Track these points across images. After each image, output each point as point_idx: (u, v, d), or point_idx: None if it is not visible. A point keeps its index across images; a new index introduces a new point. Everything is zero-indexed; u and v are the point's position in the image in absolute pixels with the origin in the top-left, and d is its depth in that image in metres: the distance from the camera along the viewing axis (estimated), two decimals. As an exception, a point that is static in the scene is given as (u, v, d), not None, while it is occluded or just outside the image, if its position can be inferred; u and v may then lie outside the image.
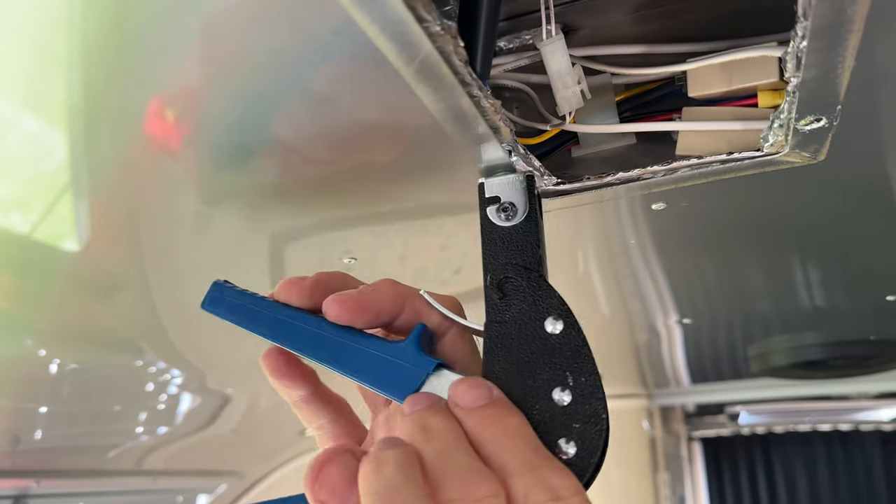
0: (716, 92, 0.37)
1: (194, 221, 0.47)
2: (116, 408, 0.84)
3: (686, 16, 0.41)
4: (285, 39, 0.28)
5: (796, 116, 0.33)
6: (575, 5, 0.41)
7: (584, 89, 0.37)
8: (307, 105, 0.33)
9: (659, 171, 0.39)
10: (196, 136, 0.36)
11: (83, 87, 0.32)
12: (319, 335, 0.35)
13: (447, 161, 0.39)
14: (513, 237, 0.36)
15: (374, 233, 0.53)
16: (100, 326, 0.68)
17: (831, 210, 0.56)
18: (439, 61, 0.27)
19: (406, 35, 0.26)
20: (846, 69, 0.30)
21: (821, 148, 0.37)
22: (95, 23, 0.28)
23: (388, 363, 0.34)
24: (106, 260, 0.52)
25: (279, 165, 0.40)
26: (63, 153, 0.38)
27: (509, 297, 0.34)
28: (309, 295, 0.36)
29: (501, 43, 0.43)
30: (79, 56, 0.30)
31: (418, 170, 0.41)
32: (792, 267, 0.71)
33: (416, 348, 0.34)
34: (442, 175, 0.42)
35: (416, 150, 0.39)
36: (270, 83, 0.31)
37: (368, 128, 0.35)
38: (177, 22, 0.27)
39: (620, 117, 0.41)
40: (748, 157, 0.37)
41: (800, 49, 0.29)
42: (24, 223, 0.45)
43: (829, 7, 0.26)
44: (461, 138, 0.34)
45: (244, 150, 0.38)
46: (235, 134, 0.36)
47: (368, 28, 0.25)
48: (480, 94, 0.30)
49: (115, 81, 0.32)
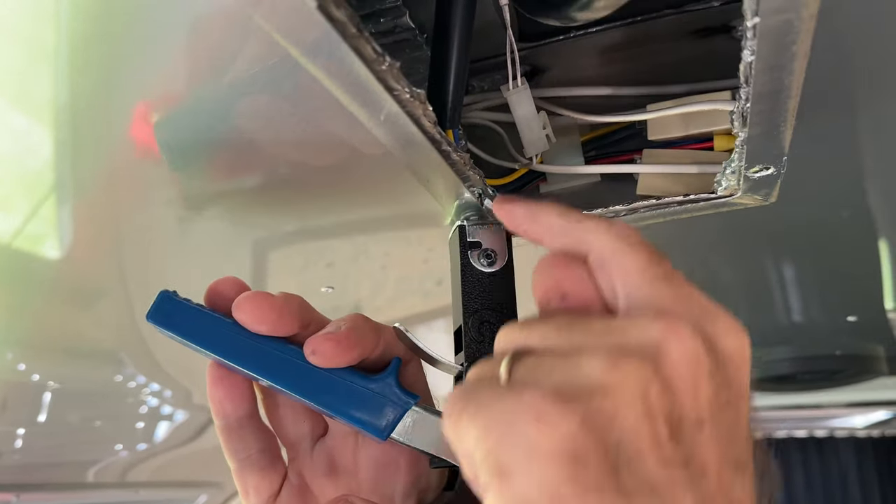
0: (674, 136, 0.39)
1: (177, 227, 0.47)
2: (98, 423, 0.85)
3: (649, 59, 0.43)
4: (266, 46, 0.28)
5: (746, 165, 0.35)
6: (543, 48, 0.43)
7: (550, 133, 0.39)
8: (287, 113, 0.33)
9: (621, 211, 0.41)
10: (179, 141, 0.36)
11: (70, 87, 0.33)
12: (295, 364, 0.33)
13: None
14: (492, 282, 0.37)
15: (355, 242, 0.53)
16: (80, 337, 0.68)
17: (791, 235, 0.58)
18: (409, 123, 0.29)
19: (376, 100, 0.27)
20: (788, 127, 0.32)
21: (771, 191, 0.39)
22: (83, 22, 0.28)
23: (369, 397, 0.34)
24: (88, 267, 0.52)
25: (261, 172, 0.40)
26: (48, 152, 0.38)
27: (486, 338, 0.36)
28: (282, 322, 0.33)
29: (473, 82, 0.45)
30: (66, 55, 0.30)
31: (399, 181, 0.42)
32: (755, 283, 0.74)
33: (395, 382, 0.35)
34: (421, 187, 0.42)
35: (396, 163, 0.39)
36: (250, 88, 0.31)
37: (347, 140, 0.36)
38: (164, 26, 0.28)
39: (585, 156, 0.43)
40: (704, 198, 0.39)
41: (745, 109, 0.31)
42: (7, 225, 0.44)
43: (768, 77, 0.28)
44: (430, 187, 0.36)
45: (225, 155, 0.37)
46: (217, 138, 0.35)
47: (340, 95, 0.27)
48: (450, 148, 0.32)
49: (103, 83, 0.32)
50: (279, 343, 0.34)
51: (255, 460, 0.36)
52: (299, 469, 0.37)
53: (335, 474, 0.37)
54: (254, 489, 0.36)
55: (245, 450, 0.35)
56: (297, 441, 0.37)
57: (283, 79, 0.26)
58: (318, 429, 0.38)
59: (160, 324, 0.34)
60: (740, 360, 0.23)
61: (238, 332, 0.33)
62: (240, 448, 0.35)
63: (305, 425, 0.37)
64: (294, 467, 0.37)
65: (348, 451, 0.38)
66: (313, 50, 0.24)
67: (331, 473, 0.37)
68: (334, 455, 0.38)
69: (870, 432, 2.01)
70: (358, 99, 0.27)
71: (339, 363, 0.33)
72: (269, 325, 0.33)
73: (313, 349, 0.33)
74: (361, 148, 0.37)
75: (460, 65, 0.34)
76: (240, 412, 0.35)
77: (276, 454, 0.37)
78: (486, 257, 0.38)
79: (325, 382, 0.33)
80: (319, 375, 0.33)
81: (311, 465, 0.37)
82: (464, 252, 0.38)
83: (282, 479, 0.37)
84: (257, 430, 0.36)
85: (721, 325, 0.23)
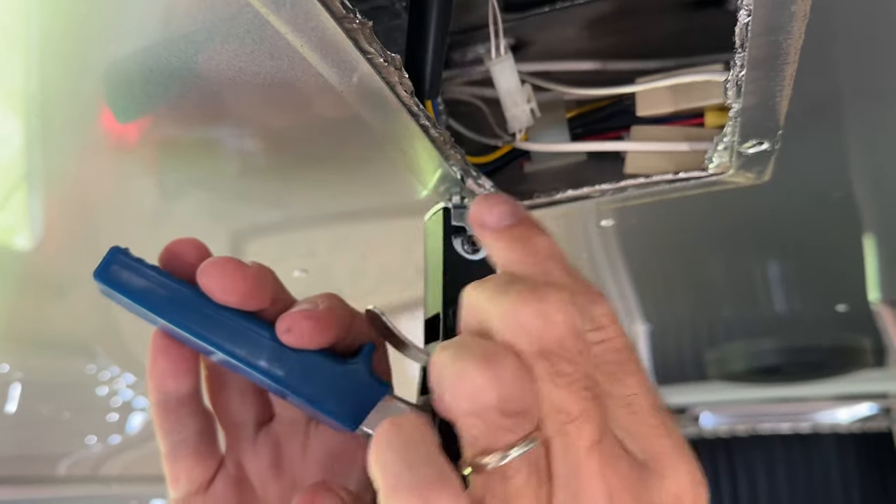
0: (663, 111, 0.38)
1: (152, 217, 0.46)
2: (67, 415, 0.83)
3: (638, 33, 0.42)
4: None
5: (739, 140, 0.34)
6: (528, 20, 0.41)
7: (534, 107, 0.37)
8: (264, 98, 0.31)
9: (608, 190, 0.39)
10: (154, 130, 0.34)
11: (40, 76, 0.31)
12: (259, 340, 0.30)
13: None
14: (474, 269, 0.36)
15: (335, 232, 0.52)
16: (52, 328, 0.66)
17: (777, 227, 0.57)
18: (384, 89, 0.27)
19: (347, 60, 0.25)
20: (784, 97, 0.30)
21: (764, 169, 0.37)
22: (53, 10, 0.27)
23: (340, 383, 0.31)
24: (60, 258, 0.51)
25: (238, 160, 0.39)
26: (19, 142, 0.36)
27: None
28: (253, 294, 0.30)
29: (455, 55, 0.43)
30: (37, 44, 0.29)
31: (382, 170, 0.41)
32: (742, 276, 0.73)
33: (368, 370, 0.32)
34: (404, 176, 0.41)
35: (379, 151, 0.38)
36: (226, 72, 0.28)
37: (328, 125, 0.34)
38: (136, 13, 0.26)
39: (572, 133, 0.41)
40: (694, 177, 0.38)
41: (739, 77, 0.29)
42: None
43: (764, 40, 0.26)
44: (410, 163, 0.34)
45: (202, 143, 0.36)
46: (193, 124, 0.34)
47: (308, 54, 0.25)
48: (428, 123, 0.30)
49: (73, 71, 0.30)
50: (243, 316, 0.30)
51: (191, 444, 0.32)
52: (238, 457, 0.34)
53: (279, 465, 0.34)
54: (186, 475, 0.33)
55: (182, 431, 0.32)
56: (239, 426, 0.34)
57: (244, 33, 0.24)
58: (263, 415, 0.35)
59: (108, 283, 0.30)
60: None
61: (197, 299, 0.30)
62: (176, 429, 0.32)
63: (251, 410, 0.34)
64: (232, 455, 0.34)
65: (297, 441, 0.35)
66: (276, 0, 0.22)
67: (275, 464, 0.34)
68: (281, 444, 0.35)
69: (852, 427, 2.02)
70: (327, 59, 0.25)
71: (315, 344, 0.30)
72: (239, 297, 0.29)
73: (288, 326, 0.29)
74: (339, 141, 0.35)
75: (439, 31, 0.32)
76: (182, 389, 0.32)
77: (214, 439, 0.34)
78: (471, 244, 0.36)
79: (292, 363, 0.30)
80: (287, 355, 0.30)
81: (254, 453, 0.34)
82: (447, 237, 0.36)
83: (217, 466, 0.33)
84: (197, 410, 0.33)
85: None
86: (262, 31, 0.24)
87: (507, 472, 0.22)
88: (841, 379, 1.10)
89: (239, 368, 0.30)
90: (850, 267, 0.73)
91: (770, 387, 1.40)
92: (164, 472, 0.33)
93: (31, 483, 0.88)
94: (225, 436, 0.34)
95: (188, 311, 0.30)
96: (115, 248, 0.31)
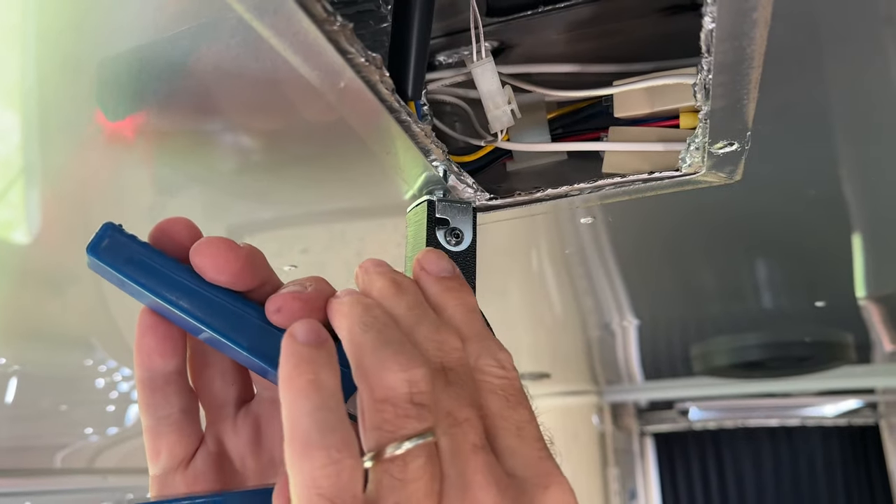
0: (640, 113, 0.39)
1: (149, 213, 0.46)
2: (67, 407, 0.84)
3: (617, 37, 0.43)
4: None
5: (709, 141, 0.35)
6: (511, 24, 0.42)
7: (515, 109, 0.39)
8: (253, 99, 0.32)
9: (586, 189, 0.40)
10: (148, 126, 0.35)
11: (37, 71, 0.32)
12: (248, 320, 0.31)
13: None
14: (457, 261, 0.37)
15: (330, 229, 0.53)
16: (50, 322, 0.67)
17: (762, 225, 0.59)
18: (365, 90, 0.28)
19: (328, 62, 0.27)
20: (752, 100, 0.32)
21: (736, 169, 0.39)
22: (51, 5, 0.28)
23: None
24: (57, 253, 0.51)
25: (232, 158, 0.39)
26: (16, 137, 0.36)
27: None
28: (244, 274, 0.31)
29: (441, 57, 0.45)
30: (34, 39, 0.30)
31: (372, 170, 0.41)
32: (729, 273, 0.74)
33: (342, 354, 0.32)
34: (392, 176, 0.42)
35: (366, 151, 0.39)
36: (221, 70, 0.29)
37: (316, 125, 0.35)
38: (128, 13, 0.27)
39: (552, 134, 0.43)
40: (668, 176, 0.39)
41: (707, 81, 0.30)
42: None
43: (729, 45, 0.28)
44: (395, 163, 0.35)
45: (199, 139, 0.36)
46: (185, 123, 0.35)
47: (292, 58, 0.26)
48: (409, 119, 0.31)
49: (70, 68, 0.31)
50: (231, 296, 0.31)
51: (174, 420, 0.33)
52: (218, 435, 0.35)
53: (259, 443, 0.35)
54: (167, 451, 0.33)
55: (166, 407, 0.33)
56: (221, 405, 0.35)
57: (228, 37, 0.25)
58: (244, 394, 0.36)
59: (101, 258, 0.30)
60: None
61: (188, 277, 0.30)
62: (161, 405, 0.33)
63: (233, 389, 0.35)
64: (212, 432, 0.35)
65: (276, 420, 0.34)
66: (259, 6, 0.23)
67: (254, 442, 0.35)
68: (260, 423, 0.35)
69: (837, 421, 2.04)
70: (309, 62, 0.26)
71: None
72: (231, 276, 0.30)
73: (278, 307, 0.30)
74: (331, 140, 0.36)
75: (422, 33, 0.33)
76: (169, 367, 0.32)
77: (196, 417, 0.34)
78: (454, 236, 0.38)
79: (278, 343, 0.30)
80: (273, 335, 0.30)
81: (234, 431, 0.35)
82: (430, 228, 0.38)
83: (198, 443, 0.34)
84: (182, 388, 0.33)
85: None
86: (247, 35, 0.25)
87: (406, 458, 0.25)
88: (826, 374, 1.12)
89: (225, 346, 0.31)
90: (836, 264, 0.74)
91: (755, 382, 1.42)
92: (145, 447, 0.34)
93: (29, 475, 0.89)
94: (206, 413, 0.35)
95: (178, 288, 0.30)
96: (108, 224, 0.31)
